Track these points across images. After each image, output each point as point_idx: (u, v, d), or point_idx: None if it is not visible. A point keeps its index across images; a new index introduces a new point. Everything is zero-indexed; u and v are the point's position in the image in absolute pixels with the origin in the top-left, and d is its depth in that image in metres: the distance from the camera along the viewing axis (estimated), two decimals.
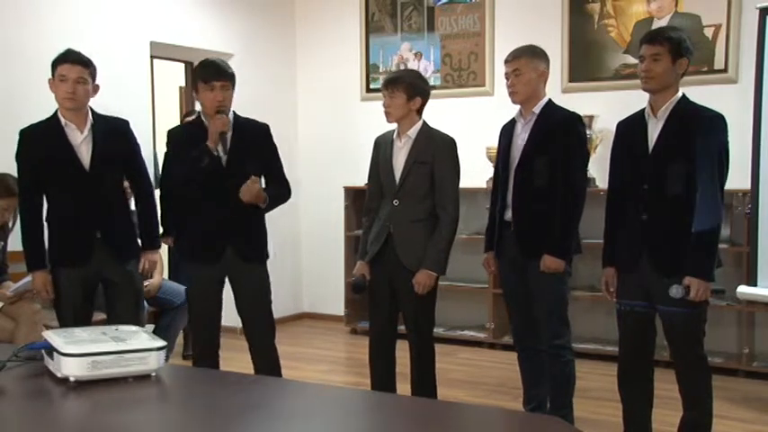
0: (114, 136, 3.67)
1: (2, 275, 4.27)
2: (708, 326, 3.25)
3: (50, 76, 3.57)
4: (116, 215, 3.69)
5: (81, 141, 3.58)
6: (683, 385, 3.28)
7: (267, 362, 3.70)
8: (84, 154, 3.58)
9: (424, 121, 3.75)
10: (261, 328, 3.72)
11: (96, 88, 3.64)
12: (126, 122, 3.78)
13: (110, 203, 3.66)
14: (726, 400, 4.37)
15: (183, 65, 6.41)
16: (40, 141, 3.58)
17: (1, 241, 4.23)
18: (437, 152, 3.68)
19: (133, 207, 3.95)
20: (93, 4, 5.17)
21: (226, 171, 3.56)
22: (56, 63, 3.55)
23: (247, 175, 3.52)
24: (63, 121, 3.57)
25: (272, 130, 3.78)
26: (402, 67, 6.20)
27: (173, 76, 6.72)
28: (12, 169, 4.17)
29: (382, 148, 3.83)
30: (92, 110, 3.65)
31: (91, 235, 3.61)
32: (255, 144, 3.67)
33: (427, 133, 3.72)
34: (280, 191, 3.74)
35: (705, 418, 3.28)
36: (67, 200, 3.60)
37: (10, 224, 4.22)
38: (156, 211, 3.88)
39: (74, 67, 3.52)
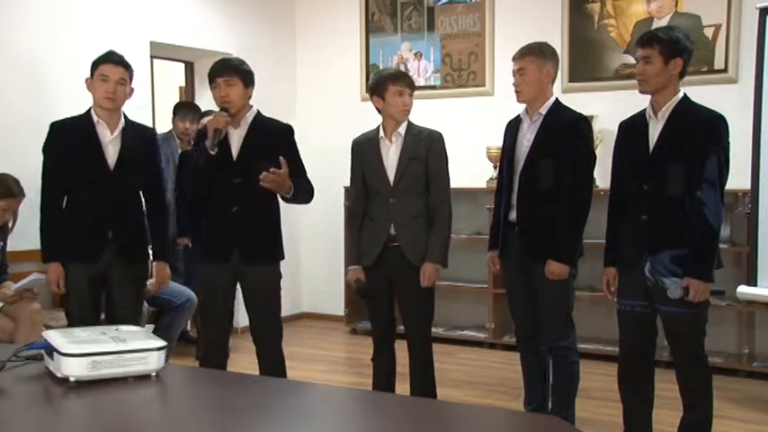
0: (142, 142, 3.72)
1: (2, 275, 4.27)
2: (708, 326, 3.25)
3: (89, 76, 3.60)
4: (129, 217, 3.71)
5: (110, 141, 3.63)
6: (683, 385, 3.28)
7: (270, 365, 3.66)
8: (111, 153, 3.62)
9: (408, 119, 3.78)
10: (264, 331, 3.68)
11: (131, 91, 3.69)
12: (154, 132, 3.87)
13: (126, 205, 3.69)
14: (726, 400, 4.37)
15: (182, 65, 6.42)
16: (70, 135, 3.62)
17: (1, 241, 4.23)
18: (430, 147, 3.69)
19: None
20: (94, 4, 5.17)
21: (234, 169, 3.54)
22: (97, 63, 3.58)
23: (257, 174, 3.40)
24: (95, 118, 3.62)
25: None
26: (402, 67, 6.20)
27: (173, 76, 6.72)
28: (7, 168, 4.19)
29: (364, 149, 3.80)
30: (124, 114, 3.70)
31: (103, 233, 3.62)
32: (271, 144, 3.57)
33: (415, 129, 3.74)
34: (303, 183, 3.63)
35: (705, 418, 3.28)
36: (87, 196, 3.62)
37: (10, 224, 4.22)
38: (168, 222, 3.92)
39: (116, 69, 3.57)
